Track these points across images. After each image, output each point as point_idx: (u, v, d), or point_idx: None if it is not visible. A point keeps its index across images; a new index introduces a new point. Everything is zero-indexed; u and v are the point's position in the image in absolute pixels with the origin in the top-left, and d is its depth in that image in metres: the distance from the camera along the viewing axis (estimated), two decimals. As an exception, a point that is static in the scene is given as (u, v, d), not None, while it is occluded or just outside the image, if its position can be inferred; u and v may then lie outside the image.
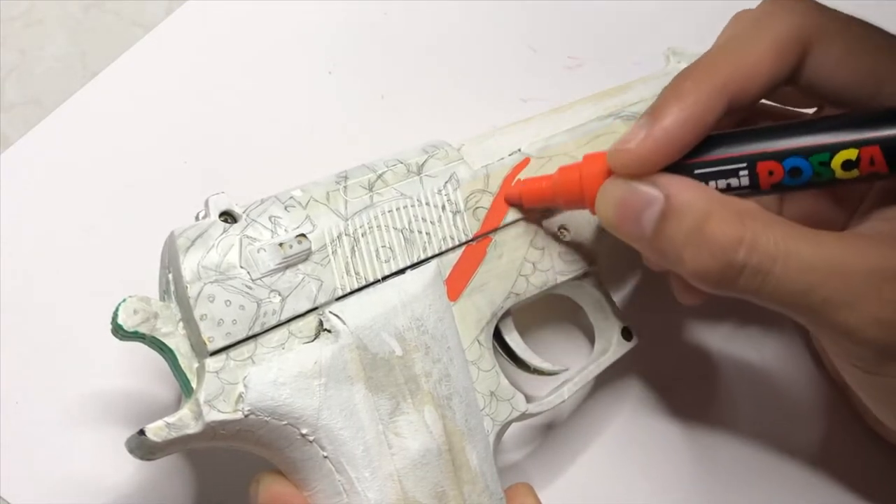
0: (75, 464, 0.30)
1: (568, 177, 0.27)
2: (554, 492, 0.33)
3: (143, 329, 0.24)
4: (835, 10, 0.27)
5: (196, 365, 0.24)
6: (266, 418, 0.24)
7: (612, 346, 0.31)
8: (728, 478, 0.34)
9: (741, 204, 0.25)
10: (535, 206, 0.29)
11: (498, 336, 0.29)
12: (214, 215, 0.25)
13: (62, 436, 0.30)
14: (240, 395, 0.24)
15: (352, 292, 0.26)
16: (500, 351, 0.30)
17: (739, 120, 0.28)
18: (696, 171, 0.25)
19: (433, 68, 0.39)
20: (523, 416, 0.28)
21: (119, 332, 0.24)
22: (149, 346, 0.24)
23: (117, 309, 0.24)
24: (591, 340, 0.34)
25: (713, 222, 0.24)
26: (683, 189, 0.25)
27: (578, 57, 0.40)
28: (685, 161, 0.25)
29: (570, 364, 0.31)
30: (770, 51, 0.26)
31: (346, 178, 0.27)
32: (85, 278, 0.32)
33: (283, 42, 0.38)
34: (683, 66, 0.33)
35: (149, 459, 0.24)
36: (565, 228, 0.30)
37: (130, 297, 0.24)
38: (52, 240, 0.33)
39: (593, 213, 0.27)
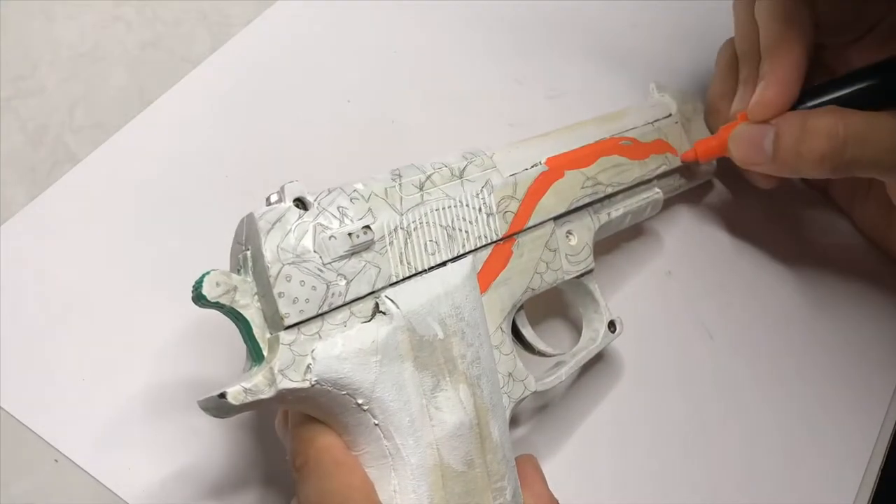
0: (135, 431, 0.31)
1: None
2: (555, 461, 0.34)
3: (223, 300, 0.24)
4: None
5: (268, 335, 0.25)
6: (329, 388, 0.24)
7: (600, 336, 0.33)
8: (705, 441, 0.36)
9: (826, 107, 0.32)
10: (708, 160, 0.37)
11: (515, 324, 0.31)
12: (289, 201, 0.25)
13: (125, 407, 0.32)
14: (308, 367, 0.24)
15: (404, 279, 0.27)
16: (515, 338, 0.31)
17: None
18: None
19: (435, 97, 0.42)
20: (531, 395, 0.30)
21: (200, 300, 0.24)
22: (225, 314, 0.25)
23: (202, 280, 0.24)
24: (574, 330, 0.37)
25: (811, 120, 0.32)
26: (783, 117, 0.33)
27: (558, 88, 0.44)
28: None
29: (553, 347, 0.33)
30: (804, 4, 0.35)
31: (400, 176, 0.28)
32: (138, 274, 0.34)
33: (309, 76, 0.41)
34: (667, 97, 0.38)
35: (220, 417, 0.25)
36: (571, 234, 0.33)
37: (214, 270, 0.24)
38: (112, 241, 0.35)
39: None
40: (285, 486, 0.31)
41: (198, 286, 0.24)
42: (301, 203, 0.26)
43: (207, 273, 0.24)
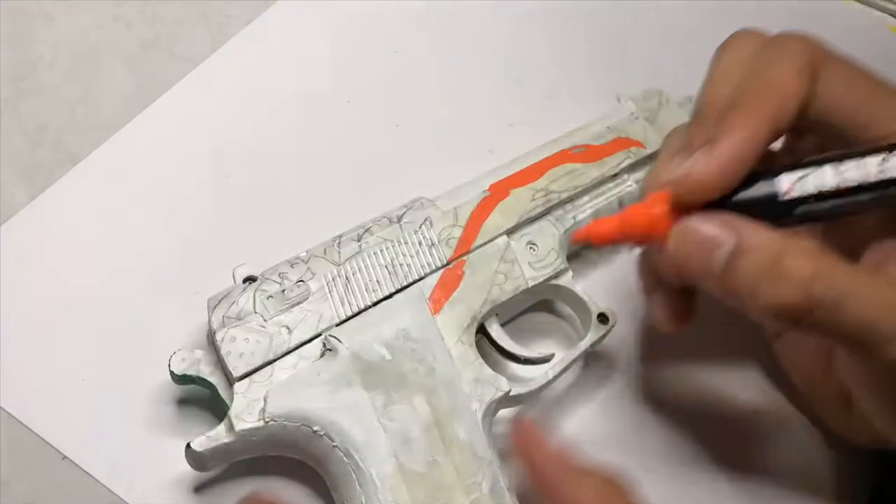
0: (135, 431, 0.31)
1: (636, 219, 0.27)
2: None
3: (190, 372, 0.29)
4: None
5: (230, 392, 0.29)
6: (284, 422, 0.28)
7: (590, 331, 0.33)
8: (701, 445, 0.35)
9: (808, 243, 0.25)
10: (603, 244, 0.29)
11: (489, 335, 0.32)
12: (239, 280, 0.30)
13: (125, 407, 0.32)
14: (262, 408, 0.28)
15: (349, 318, 0.30)
16: (493, 348, 0.32)
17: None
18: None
19: (435, 97, 0.41)
20: (512, 397, 0.30)
21: (174, 377, 0.29)
22: (199, 385, 0.29)
23: (170, 361, 0.29)
24: (578, 335, 0.35)
25: (789, 258, 0.24)
26: (754, 230, 0.24)
27: (558, 88, 0.43)
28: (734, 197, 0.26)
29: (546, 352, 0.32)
30: (796, 77, 0.26)
31: (340, 237, 0.31)
32: (138, 273, 0.34)
33: (309, 76, 0.41)
34: (631, 104, 0.37)
35: (203, 470, 0.29)
36: (533, 244, 0.33)
37: (178, 350, 0.29)
38: (111, 241, 0.35)
39: (661, 249, 0.26)
40: (285, 486, 0.31)
41: (169, 365, 0.29)
42: (250, 279, 0.30)
43: (174, 353, 0.29)
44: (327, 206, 0.36)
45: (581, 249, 0.36)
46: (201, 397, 0.32)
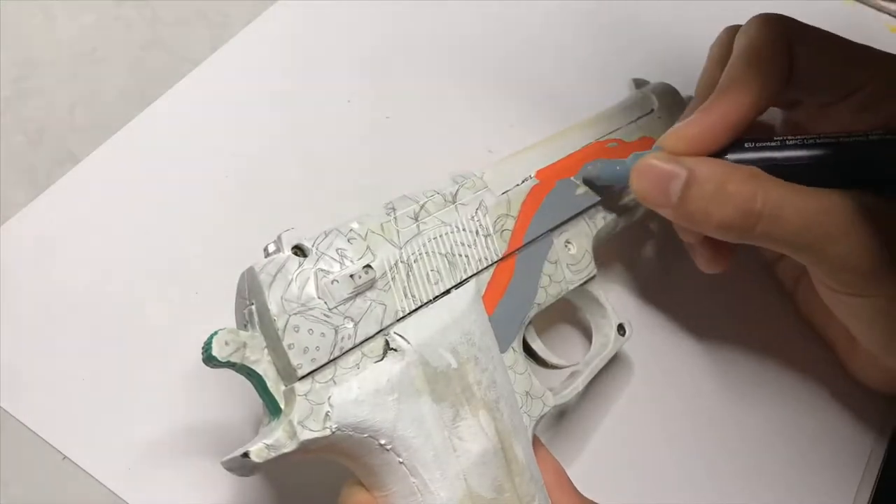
0: (135, 431, 0.31)
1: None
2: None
3: (234, 358, 0.24)
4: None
5: (282, 388, 0.25)
6: (350, 433, 0.25)
7: (611, 342, 0.33)
8: (722, 437, 0.36)
9: (750, 169, 0.29)
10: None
11: (525, 340, 0.31)
12: (287, 250, 0.26)
13: (125, 407, 0.32)
14: (326, 414, 0.24)
15: (410, 313, 0.27)
16: (526, 354, 0.31)
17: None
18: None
19: (436, 97, 0.42)
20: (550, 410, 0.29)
21: (212, 361, 0.24)
22: (237, 372, 0.25)
23: (210, 341, 0.24)
24: (581, 334, 0.36)
25: (732, 183, 0.28)
26: (701, 162, 0.29)
27: (558, 88, 0.44)
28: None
29: (565, 356, 0.33)
30: (772, 53, 0.31)
31: (394, 209, 0.28)
32: (138, 273, 0.34)
33: (309, 76, 0.41)
34: (646, 92, 0.37)
35: (245, 476, 0.25)
36: (570, 243, 0.32)
37: (221, 329, 0.24)
38: (111, 241, 0.35)
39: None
40: (285, 486, 0.31)
41: (207, 348, 0.24)
42: (299, 250, 0.26)
43: (215, 333, 0.24)
44: (327, 206, 0.36)
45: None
46: (202, 395, 0.32)
